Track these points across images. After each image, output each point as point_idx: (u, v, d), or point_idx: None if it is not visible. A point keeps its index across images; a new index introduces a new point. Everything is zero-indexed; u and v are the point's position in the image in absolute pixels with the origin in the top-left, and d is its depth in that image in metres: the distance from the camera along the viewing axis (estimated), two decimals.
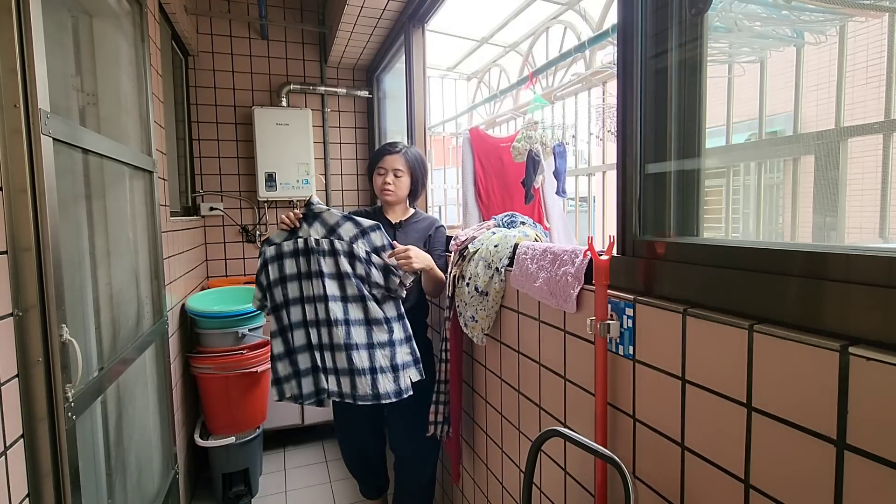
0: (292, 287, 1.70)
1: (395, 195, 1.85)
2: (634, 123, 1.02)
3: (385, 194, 1.84)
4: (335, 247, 1.66)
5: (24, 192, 0.94)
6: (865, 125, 1.13)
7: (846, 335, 0.63)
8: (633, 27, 1.01)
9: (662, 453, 0.92)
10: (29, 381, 0.97)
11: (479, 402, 1.75)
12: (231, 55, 3.11)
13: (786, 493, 0.70)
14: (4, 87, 0.91)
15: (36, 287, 0.96)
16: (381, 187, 1.84)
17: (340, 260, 1.65)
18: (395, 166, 1.83)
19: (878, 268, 0.61)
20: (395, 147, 1.86)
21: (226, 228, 3.17)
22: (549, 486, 1.33)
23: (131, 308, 1.61)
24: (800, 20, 1.34)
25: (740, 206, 1.66)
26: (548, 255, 1.25)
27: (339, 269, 1.66)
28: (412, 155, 1.87)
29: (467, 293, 1.58)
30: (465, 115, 3.66)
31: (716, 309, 0.81)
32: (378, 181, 1.85)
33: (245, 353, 2.27)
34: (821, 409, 0.64)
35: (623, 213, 1.05)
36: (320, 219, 1.68)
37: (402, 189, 1.86)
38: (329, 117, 3.36)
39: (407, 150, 1.86)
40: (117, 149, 1.46)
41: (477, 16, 3.13)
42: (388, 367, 1.67)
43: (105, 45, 1.56)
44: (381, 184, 1.84)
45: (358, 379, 1.64)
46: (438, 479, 2.24)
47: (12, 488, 0.90)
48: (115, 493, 1.41)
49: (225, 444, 2.25)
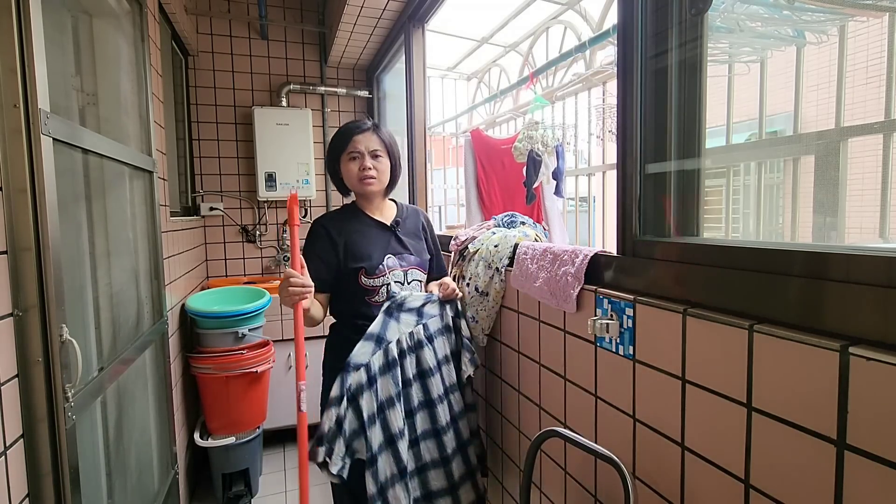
0: (394, 416, 1.36)
1: (379, 182, 1.48)
2: (634, 123, 1.02)
3: (367, 183, 1.46)
4: (431, 331, 1.45)
5: (24, 192, 0.94)
6: (865, 125, 1.13)
7: (846, 335, 0.63)
8: (633, 27, 1.01)
9: (662, 453, 0.92)
10: (29, 381, 0.97)
11: (479, 401, 1.75)
12: (231, 55, 3.11)
13: (786, 493, 0.70)
14: (4, 87, 0.91)
15: (36, 287, 0.96)
16: (359, 176, 1.46)
17: (437, 343, 1.45)
18: (372, 147, 1.46)
19: (878, 268, 0.60)
20: (364, 124, 1.48)
21: (226, 228, 3.17)
22: (549, 486, 1.33)
23: (131, 308, 1.61)
24: (800, 20, 1.34)
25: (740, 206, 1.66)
26: (548, 256, 1.25)
27: (439, 356, 1.46)
28: (386, 132, 1.52)
29: (467, 293, 1.58)
30: (465, 115, 3.66)
31: (716, 309, 0.81)
32: (352, 168, 1.46)
33: (245, 353, 2.27)
34: (821, 409, 0.64)
35: (623, 213, 1.05)
36: (405, 308, 1.44)
37: (385, 173, 1.49)
38: (329, 117, 3.36)
39: (377, 126, 1.50)
40: (117, 149, 1.46)
41: (477, 16, 3.12)
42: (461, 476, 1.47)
43: (105, 45, 1.56)
44: (359, 171, 1.45)
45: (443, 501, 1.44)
46: None
47: (12, 488, 0.90)
48: (114, 493, 1.41)
49: (225, 444, 2.25)
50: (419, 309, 1.46)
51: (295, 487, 2.50)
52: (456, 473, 1.45)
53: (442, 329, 1.49)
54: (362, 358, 1.38)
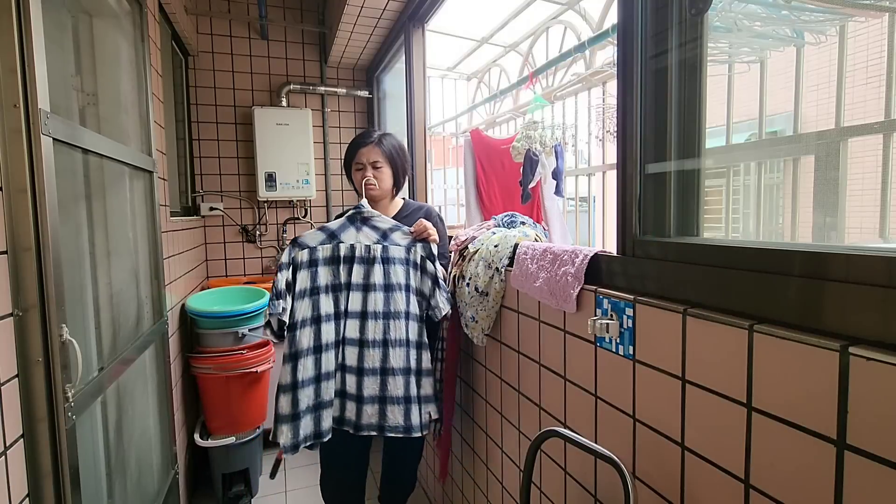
0: (325, 302, 1.54)
1: (378, 189, 1.74)
2: (634, 123, 1.02)
3: (368, 190, 1.72)
4: (390, 254, 1.56)
5: (24, 192, 0.94)
6: (865, 125, 1.13)
7: (846, 335, 0.63)
8: (633, 27, 1.01)
9: (662, 453, 0.92)
10: (29, 381, 0.97)
11: (479, 402, 1.75)
12: (231, 55, 3.11)
13: (786, 493, 0.70)
14: (4, 87, 0.91)
15: (36, 287, 0.96)
16: (361, 184, 1.72)
17: (394, 269, 1.55)
18: (372, 158, 1.72)
19: (878, 268, 0.60)
20: (369, 138, 1.74)
21: (226, 228, 3.17)
22: (548, 486, 1.33)
23: (131, 308, 1.61)
24: (800, 20, 1.34)
25: (740, 206, 1.65)
26: (548, 256, 1.25)
27: (390, 279, 1.55)
28: (388, 143, 1.75)
29: (467, 293, 1.58)
30: (465, 115, 3.66)
31: (716, 309, 0.81)
32: (357, 178, 1.74)
33: (245, 353, 2.27)
34: (821, 409, 0.64)
35: (623, 213, 1.05)
36: (370, 224, 1.60)
37: (385, 182, 1.75)
38: (329, 117, 3.36)
39: (381, 139, 1.75)
40: (117, 149, 1.46)
41: (477, 16, 3.12)
42: (416, 397, 1.57)
43: (105, 45, 1.56)
44: (361, 179, 1.72)
45: (390, 408, 1.51)
46: (439, 479, 2.24)
47: (12, 488, 0.90)
48: (115, 493, 1.41)
49: (225, 444, 2.25)
50: (385, 231, 1.59)
51: (295, 487, 2.50)
52: (377, 389, 1.54)
53: (404, 260, 1.59)
54: (311, 241, 1.57)
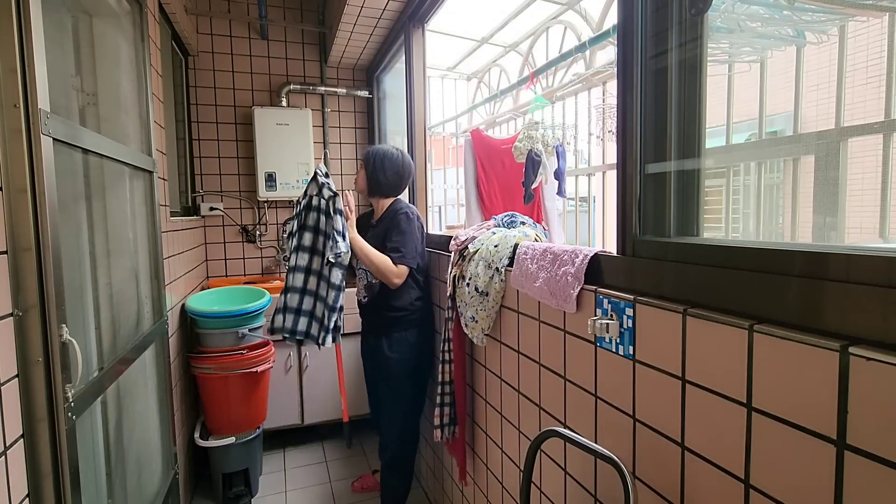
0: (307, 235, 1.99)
1: (357, 185, 2.12)
2: (634, 123, 1.02)
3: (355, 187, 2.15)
4: (318, 204, 1.95)
5: (24, 192, 0.94)
6: (865, 125, 1.13)
7: (846, 335, 0.63)
8: (633, 27, 1.01)
9: (662, 453, 0.92)
10: (29, 381, 0.97)
11: (479, 402, 1.75)
12: (231, 55, 3.11)
13: (786, 493, 0.70)
14: (4, 87, 0.91)
15: (36, 287, 0.96)
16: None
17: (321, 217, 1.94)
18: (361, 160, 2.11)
19: (878, 268, 0.60)
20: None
21: (226, 228, 3.17)
22: (548, 487, 1.33)
23: (131, 308, 1.61)
24: (800, 20, 1.34)
25: (740, 206, 1.66)
26: (548, 256, 1.25)
27: (319, 225, 1.95)
28: (371, 151, 2.06)
29: (467, 293, 1.58)
30: (465, 115, 3.66)
31: (716, 309, 0.81)
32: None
33: (245, 353, 2.27)
34: (821, 409, 0.64)
35: (623, 213, 1.05)
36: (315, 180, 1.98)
37: (360, 181, 2.09)
38: (329, 117, 3.36)
39: (369, 148, 2.08)
40: (117, 149, 1.46)
41: (477, 16, 3.12)
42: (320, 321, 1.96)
43: (105, 45, 1.56)
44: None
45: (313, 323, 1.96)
46: (440, 478, 2.24)
47: (12, 488, 0.90)
48: (115, 493, 1.41)
49: (225, 444, 2.25)
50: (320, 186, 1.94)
51: (295, 488, 2.50)
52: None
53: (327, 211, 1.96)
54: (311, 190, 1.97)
